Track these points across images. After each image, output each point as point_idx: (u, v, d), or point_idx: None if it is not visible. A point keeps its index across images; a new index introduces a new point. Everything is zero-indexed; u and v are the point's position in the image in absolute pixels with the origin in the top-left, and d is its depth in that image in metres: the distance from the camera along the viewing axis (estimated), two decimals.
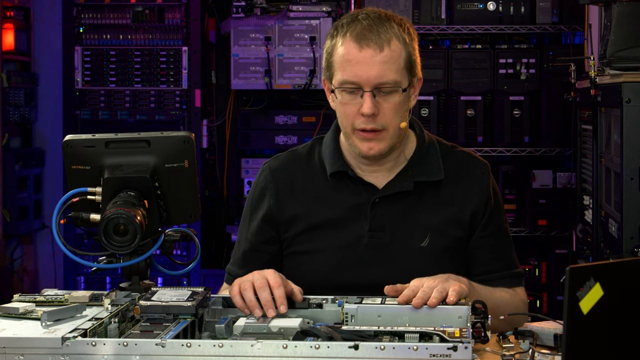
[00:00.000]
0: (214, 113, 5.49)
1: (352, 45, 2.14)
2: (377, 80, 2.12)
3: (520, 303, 2.25)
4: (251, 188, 2.37)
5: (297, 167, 2.31)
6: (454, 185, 2.26)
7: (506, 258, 2.29)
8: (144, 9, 5.16)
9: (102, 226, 1.88)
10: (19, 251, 5.54)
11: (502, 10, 4.82)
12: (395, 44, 2.15)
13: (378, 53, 2.12)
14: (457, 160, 2.30)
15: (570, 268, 1.42)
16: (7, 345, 1.67)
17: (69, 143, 1.98)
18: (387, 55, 2.13)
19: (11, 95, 5.27)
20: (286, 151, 2.38)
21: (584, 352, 1.45)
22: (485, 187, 2.28)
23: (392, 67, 2.14)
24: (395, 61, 2.14)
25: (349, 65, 2.14)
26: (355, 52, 2.13)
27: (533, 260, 4.83)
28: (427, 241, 2.22)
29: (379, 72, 2.12)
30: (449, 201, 2.25)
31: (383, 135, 2.16)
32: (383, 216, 2.22)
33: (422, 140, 2.29)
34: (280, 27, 5.18)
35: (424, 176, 2.24)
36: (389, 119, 2.15)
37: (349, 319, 1.85)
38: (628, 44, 3.26)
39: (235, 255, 2.36)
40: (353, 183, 2.25)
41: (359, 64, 2.13)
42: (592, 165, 3.62)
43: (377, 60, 2.12)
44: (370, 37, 2.13)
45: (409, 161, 2.26)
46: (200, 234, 5.06)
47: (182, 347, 1.63)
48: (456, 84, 4.81)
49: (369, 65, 2.12)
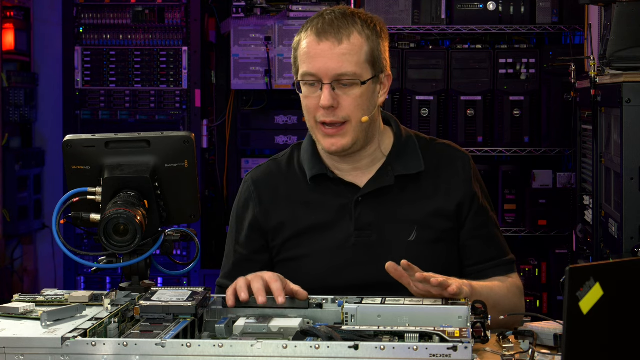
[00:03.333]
0: (214, 113, 5.49)
1: (312, 39, 2.17)
2: (334, 72, 2.14)
3: (516, 290, 2.25)
4: (236, 200, 2.37)
5: (278, 175, 2.32)
6: (435, 177, 2.26)
7: (498, 246, 2.29)
8: (144, 9, 5.16)
9: (102, 226, 1.88)
10: (19, 251, 5.54)
11: (502, 10, 4.82)
12: (355, 38, 2.16)
13: (336, 46, 2.15)
14: (437, 152, 2.30)
15: (570, 268, 1.42)
16: (7, 345, 1.67)
17: (69, 143, 1.98)
18: (345, 47, 2.15)
19: (11, 95, 5.27)
20: (267, 160, 2.38)
21: (584, 352, 1.45)
22: (468, 177, 2.28)
23: (351, 60, 2.15)
24: (355, 54, 2.16)
25: (309, 58, 2.16)
26: (315, 45, 2.16)
27: (533, 260, 4.83)
28: (414, 235, 2.22)
29: (337, 64, 2.14)
30: (432, 193, 2.25)
31: (345, 129, 2.17)
32: (368, 214, 2.22)
33: (400, 136, 2.29)
34: (280, 27, 5.19)
35: (404, 170, 2.24)
36: (350, 111, 2.16)
37: (349, 319, 1.85)
38: (628, 44, 3.26)
39: (225, 268, 2.35)
40: (334, 184, 2.26)
41: (317, 56, 2.15)
42: (592, 165, 3.62)
43: (335, 52, 2.15)
44: (329, 31, 2.16)
45: (388, 157, 2.26)
46: (200, 234, 5.07)
47: (182, 347, 1.63)
48: (456, 84, 4.81)
49: (326, 57, 2.15)
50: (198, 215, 2.05)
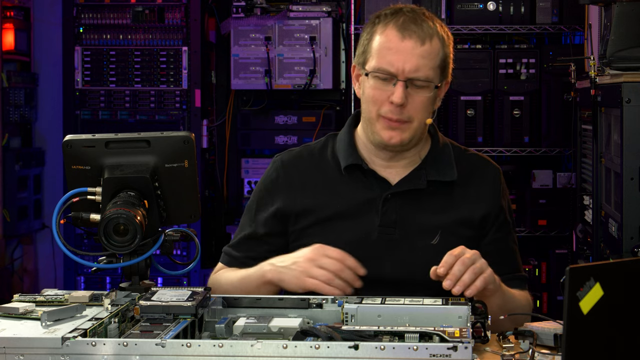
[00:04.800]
0: (214, 113, 5.49)
1: (394, 34, 2.16)
2: (412, 73, 2.15)
3: (527, 304, 2.27)
4: (262, 178, 2.38)
5: (309, 161, 2.32)
6: (466, 186, 2.28)
7: (513, 262, 2.32)
8: (144, 9, 5.16)
9: (102, 226, 1.88)
10: (19, 251, 5.54)
11: (502, 10, 4.82)
12: (435, 41, 2.18)
13: (419, 46, 2.15)
14: (470, 163, 2.32)
15: (570, 268, 1.42)
16: (7, 345, 1.67)
17: (69, 143, 1.98)
18: (426, 49, 2.16)
19: (11, 95, 5.27)
20: (300, 146, 2.40)
21: (584, 352, 1.45)
22: (498, 190, 2.30)
23: (429, 63, 2.16)
24: (433, 58, 2.17)
25: (388, 53, 2.16)
26: (397, 40, 2.15)
27: (533, 260, 4.83)
28: (437, 239, 2.23)
29: (416, 65, 2.15)
30: (460, 202, 2.26)
31: (408, 126, 2.19)
32: (394, 212, 2.23)
33: (437, 142, 2.31)
34: (280, 27, 5.18)
35: (438, 176, 2.26)
36: (416, 112, 2.18)
37: (349, 319, 1.85)
38: (628, 44, 3.26)
39: (236, 238, 2.37)
40: (366, 177, 2.27)
41: (398, 52, 2.15)
42: (592, 165, 3.62)
43: (416, 52, 2.15)
44: (413, 29, 2.16)
45: (423, 160, 2.28)
46: (200, 234, 5.06)
47: (182, 347, 1.63)
48: (456, 84, 4.81)
49: (407, 56, 2.15)
50: (198, 215, 2.05)
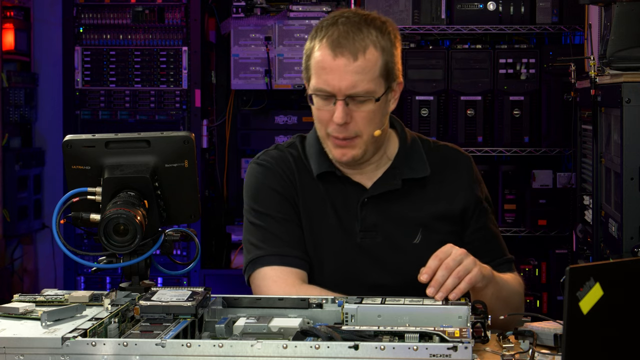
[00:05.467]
0: (214, 113, 5.49)
1: (326, 52, 2.11)
2: (349, 90, 2.10)
3: (519, 287, 2.26)
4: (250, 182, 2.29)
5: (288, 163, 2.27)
6: (440, 180, 2.27)
7: (498, 246, 2.31)
8: (144, 9, 5.16)
9: (102, 226, 1.87)
10: (19, 251, 5.54)
11: (502, 10, 4.82)
12: (371, 52, 2.11)
13: (352, 62, 2.09)
14: (441, 156, 2.30)
15: (570, 268, 1.42)
16: (7, 345, 1.67)
17: (69, 143, 1.98)
18: (360, 65, 2.10)
19: (11, 95, 5.27)
20: (272, 147, 2.33)
21: (584, 352, 1.45)
22: (472, 180, 2.29)
23: (366, 77, 2.11)
24: (370, 70, 2.11)
25: (323, 73, 2.11)
26: (330, 59, 2.10)
27: (533, 260, 4.83)
28: (419, 237, 2.22)
29: (351, 82, 2.10)
30: (437, 197, 2.25)
31: (356, 142, 2.15)
32: (373, 216, 2.22)
33: (405, 139, 2.29)
34: (280, 27, 5.18)
35: (411, 173, 2.24)
36: (362, 127, 2.14)
37: (349, 319, 1.85)
38: (628, 44, 3.26)
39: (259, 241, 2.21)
40: (341, 183, 2.25)
41: (332, 72, 2.10)
42: (592, 165, 3.62)
43: (349, 69, 2.09)
44: (345, 45, 2.10)
45: (394, 160, 2.26)
46: (200, 234, 5.06)
47: (182, 347, 1.63)
48: (456, 84, 4.81)
49: (341, 74, 2.09)
50: (198, 215, 2.05)
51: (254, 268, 2.19)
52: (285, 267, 2.17)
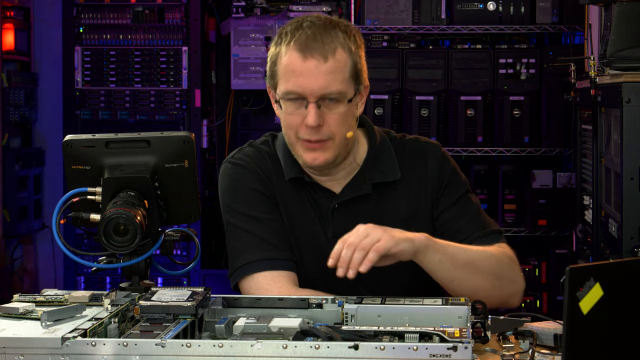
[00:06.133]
0: (214, 113, 5.49)
1: (295, 55, 2.08)
2: (322, 91, 2.08)
3: (504, 257, 2.14)
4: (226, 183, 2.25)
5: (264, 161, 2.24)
6: (410, 179, 2.22)
7: (476, 220, 2.21)
8: (144, 9, 5.16)
9: (102, 226, 1.87)
10: (19, 251, 5.54)
11: (502, 10, 4.82)
12: (340, 54, 2.09)
13: (322, 63, 2.07)
14: (408, 151, 2.26)
15: (570, 268, 1.42)
16: (7, 345, 1.67)
17: (69, 143, 1.98)
18: (331, 65, 2.08)
19: (11, 95, 5.27)
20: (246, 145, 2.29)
21: (584, 352, 1.45)
22: (438, 165, 2.24)
23: (337, 77, 2.09)
24: (340, 71, 2.09)
25: (293, 76, 2.09)
26: (299, 62, 2.08)
27: (533, 260, 4.83)
28: None
29: (324, 83, 2.07)
30: (407, 196, 2.22)
31: (329, 144, 2.12)
32: (344, 222, 2.15)
33: (374, 140, 2.25)
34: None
35: (381, 177, 2.21)
36: (335, 129, 2.11)
37: (349, 319, 1.85)
38: (628, 44, 3.26)
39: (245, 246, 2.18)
40: (311, 189, 2.22)
41: (302, 74, 2.08)
42: (592, 165, 3.62)
43: (321, 70, 2.07)
44: (314, 47, 2.08)
45: (363, 164, 2.22)
46: (200, 234, 5.07)
47: (182, 347, 1.63)
48: (456, 84, 4.81)
49: (313, 76, 2.07)
50: (198, 215, 2.05)
51: (243, 274, 2.17)
52: (276, 271, 2.15)
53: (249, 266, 2.16)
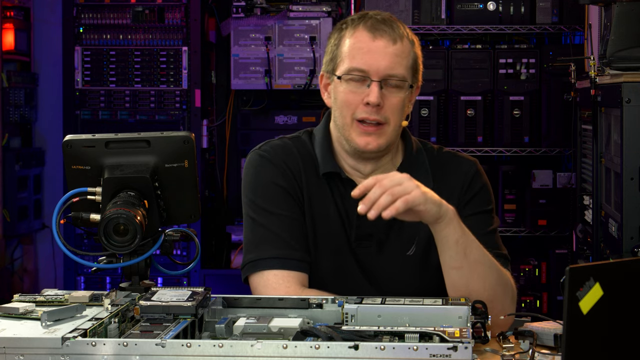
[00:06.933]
0: (214, 113, 5.49)
1: (365, 34, 2.13)
2: (387, 71, 2.11)
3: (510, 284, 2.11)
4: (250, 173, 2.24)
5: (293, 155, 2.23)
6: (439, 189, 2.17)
7: (490, 238, 2.19)
8: (144, 9, 5.16)
9: (102, 226, 1.88)
10: (19, 251, 5.54)
11: (502, 10, 4.82)
12: (406, 42, 2.15)
13: (391, 45, 2.12)
14: (443, 163, 2.27)
15: (570, 268, 1.42)
16: (7, 345, 1.67)
17: (69, 143, 1.98)
18: (399, 48, 2.13)
19: (11, 95, 5.27)
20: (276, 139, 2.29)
21: (584, 352, 1.45)
22: (470, 179, 2.24)
23: (402, 62, 2.13)
24: (406, 57, 2.14)
25: (360, 53, 2.12)
26: (368, 40, 2.12)
27: (533, 260, 4.83)
28: (413, 249, 2.19)
29: (390, 64, 2.11)
30: None
31: (384, 129, 2.13)
32: (369, 225, 2.14)
33: (411, 148, 2.26)
34: (280, 27, 5.19)
35: None
36: (392, 113, 2.13)
37: (349, 319, 1.85)
38: (628, 44, 3.26)
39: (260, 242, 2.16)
40: (344, 186, 2.20)
41: (370, 52, 2.12)
42: (592, 165, 3.62)
43: (389, 51, 2.12)
44: (384, 29, 2.13)
45: (398, 169, 2.21)
46: (200, 234, 5.07)
47: (182, 347, 1.63)
48: (456, 84, 4.81)
49: (380, 55, 2.11)
50: (198, 215, 2.05)
51: (254, 269, 2.17)
52: (286, 270, 2.14)
53: (261, 262, 2.16)
